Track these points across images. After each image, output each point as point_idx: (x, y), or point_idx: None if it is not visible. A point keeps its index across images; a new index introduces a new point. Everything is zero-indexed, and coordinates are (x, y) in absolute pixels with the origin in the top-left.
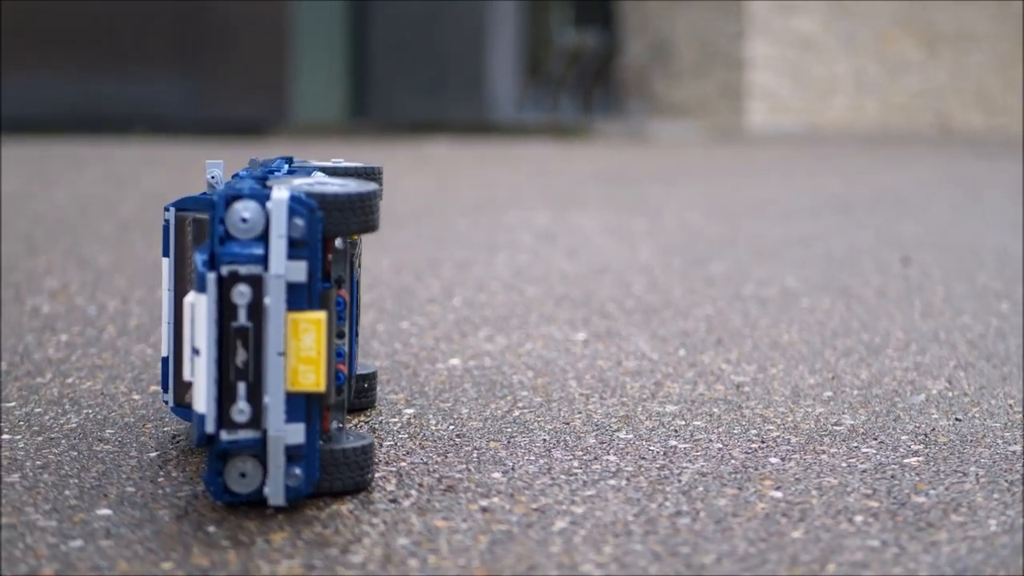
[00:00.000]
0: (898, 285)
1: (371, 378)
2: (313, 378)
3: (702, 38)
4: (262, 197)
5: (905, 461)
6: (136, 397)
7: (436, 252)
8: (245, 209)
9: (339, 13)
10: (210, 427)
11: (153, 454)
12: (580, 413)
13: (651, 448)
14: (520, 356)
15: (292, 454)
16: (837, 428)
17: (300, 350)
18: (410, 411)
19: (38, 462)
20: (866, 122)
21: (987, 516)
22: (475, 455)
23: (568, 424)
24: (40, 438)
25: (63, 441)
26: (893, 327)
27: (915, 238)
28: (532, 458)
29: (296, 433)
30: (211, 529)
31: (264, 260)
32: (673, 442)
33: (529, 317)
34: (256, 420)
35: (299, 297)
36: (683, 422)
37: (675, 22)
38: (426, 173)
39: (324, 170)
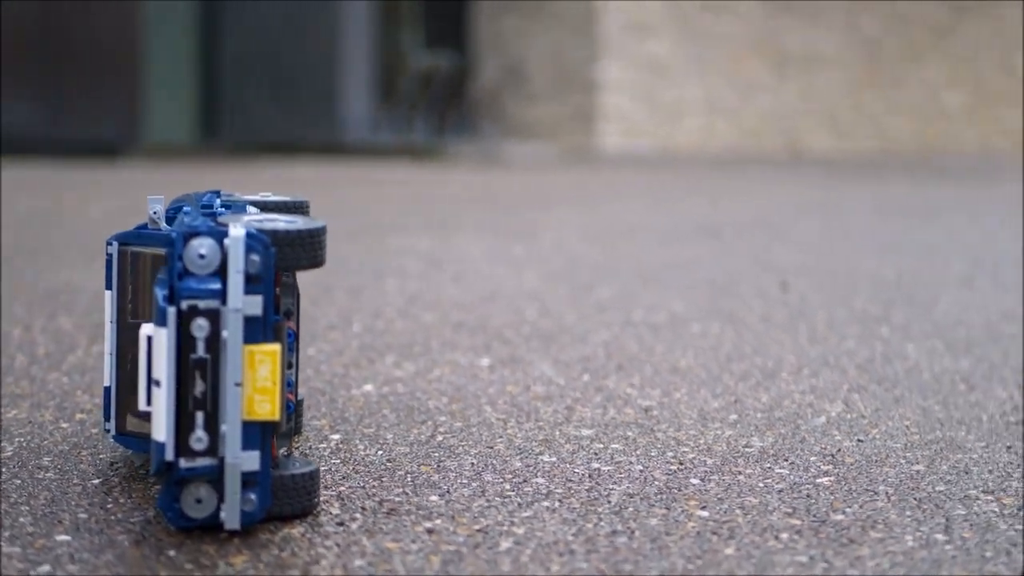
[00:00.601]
0: (781, 311)
1: (298, 404)
2: (268, 407)
3: (556, 61)
4: (218, 234)
5: (818, 481)
6: (64, 425)
7: (326, 278)
8: (202, 246)
9: (190, 35)
10: (169, 455)
11: (96, 481)
12: (501, 437)
13: (576, 471)
14: (431, 382)
15: (247, 480)
16: (748, 450)
17: (256, 380)
18: (336, 436)
19: None
20: (717, 144)
21: (903, 532)
22: (409, 479)
23: (492, 448)
24: None
25: (3, 469)
26: (783, 352)
27: (788, 262)
28: (464, 481)
29: (251, 460)
30: (172, 553)
31: (221, 295)
32: (596, 464)
33: (431, 344)
34: (213, 448)
35: (255, 330)
36: (601, 445)
37: (529, 44)
38: (298, 196)
39: (255, 204)
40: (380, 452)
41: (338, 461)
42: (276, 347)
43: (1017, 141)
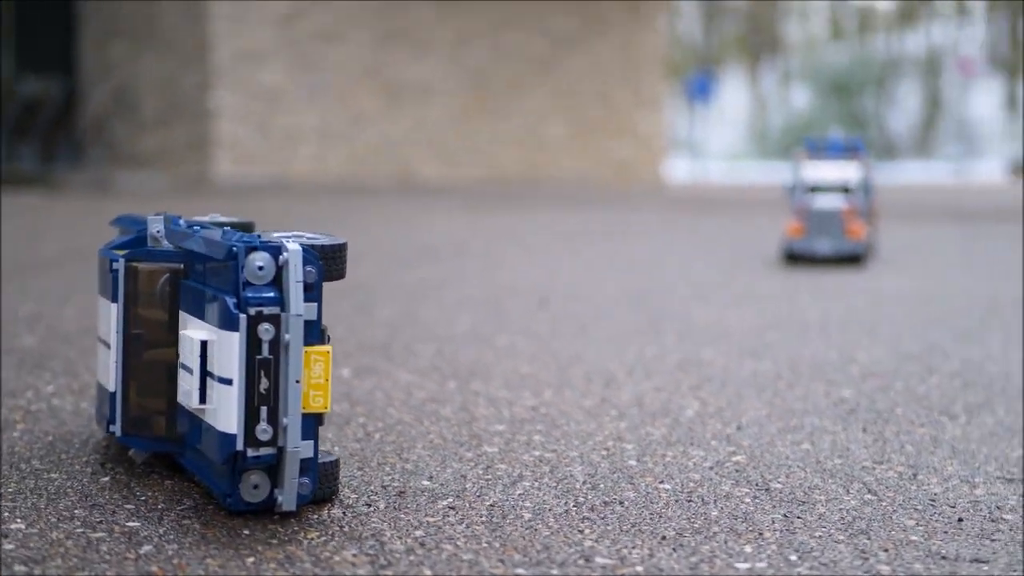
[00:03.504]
0: (566, 324)
1: None
2: (322, 401)
3: (166, 88)
4: (272, 248)
5: (734, 459)
6: (15, 435)
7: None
8: (259, 259)
9: None
10: (240, 445)
11: (105, 479)
12: (430, 434)
13: (523, 458)
14: None
15: (302, 467)
16: (653, 437)
17: (311, 378)
18: None
19: (8, 488)
20: (331, 172)
21: (840, 494)
22: (387, 469)
23: (433, 443)
24: None
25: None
26: (602, 359)
27: (524, 282)
28: (438, 469)
29: (307, 449)
30: (246, 532)
31: (279, 302)
32: (536, 452)
33: None
34: (275, 439)
35: (310, 333)
36: (524, 438)
37: (138, 71)
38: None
39: (215, 224)
40: (336, 448)
41: None
42: (329, 348)
43: (613, 169)
